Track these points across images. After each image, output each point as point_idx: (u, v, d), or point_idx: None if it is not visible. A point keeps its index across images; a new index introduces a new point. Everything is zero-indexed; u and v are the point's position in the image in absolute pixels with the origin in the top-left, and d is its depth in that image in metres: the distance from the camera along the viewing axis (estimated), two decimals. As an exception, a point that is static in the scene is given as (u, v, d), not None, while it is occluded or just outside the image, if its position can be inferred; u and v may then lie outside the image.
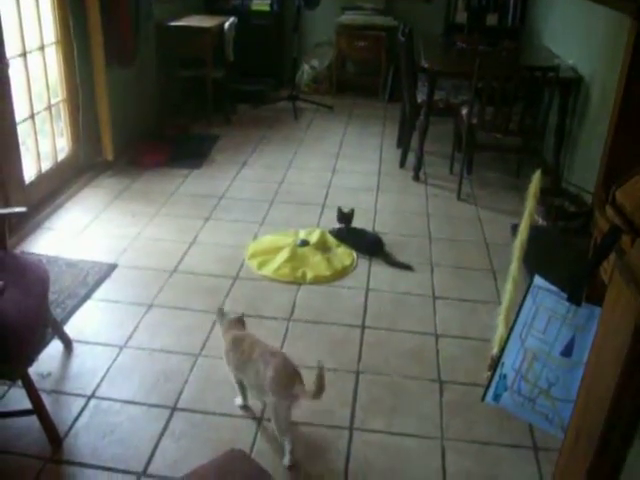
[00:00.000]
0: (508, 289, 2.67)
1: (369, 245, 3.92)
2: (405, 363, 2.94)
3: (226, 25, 6.09)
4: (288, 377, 2.34)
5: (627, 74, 3.57)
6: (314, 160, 5.40)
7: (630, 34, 3.56)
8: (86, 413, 2.56)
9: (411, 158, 5.20)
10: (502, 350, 2.17)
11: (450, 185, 4.91)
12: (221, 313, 2.66)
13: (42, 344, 2.87)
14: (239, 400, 2.63)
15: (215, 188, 4.72)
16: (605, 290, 1.59)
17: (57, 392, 2.67)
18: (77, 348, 2.93)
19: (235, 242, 3.92)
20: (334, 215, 4.12)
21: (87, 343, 2.97)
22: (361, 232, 4.04)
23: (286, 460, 2.36)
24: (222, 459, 1.90)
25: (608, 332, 1.53)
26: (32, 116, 4.11)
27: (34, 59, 4.12)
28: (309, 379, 2.32)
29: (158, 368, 2.83)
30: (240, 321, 2.64)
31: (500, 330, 2.65)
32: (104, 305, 3.28)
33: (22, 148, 3.96)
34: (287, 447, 2.37)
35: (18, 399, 2.52)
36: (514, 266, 2.66)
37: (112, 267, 3.59)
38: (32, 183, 4.11)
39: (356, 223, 4.08)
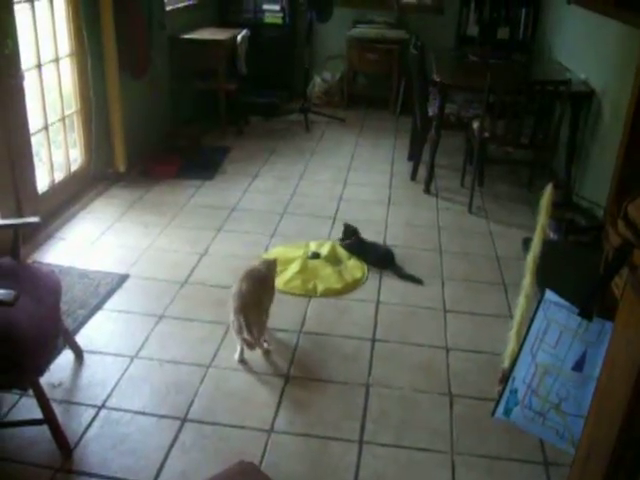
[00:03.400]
0: (520, 303, 2.66)
1: (380, 258, 3.92)
2: (415, 376, 2.93)
3: (239, 38, 6.13)
4: (239, 302, 2.88)
5: (639, 88, 3.57)
6: (325, 172, 5.41)
7: (642, 48, 3.56)
8: (96, 423, 2.57)
9: (422, 171, 5.20)
10: (513, 364, 2.17)
11: (461, 198, 4.91)
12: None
13: (53, 354, 2.88)
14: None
15: (227, 199, 4.74)
16: (617, 305, 1.58)
17: (68, 402, 2.68)
18: (88, 358, 2.95)
19: (246, 254, 3.93)
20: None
21: (98, 353, 2.99)
22: (372, 245, 4.04)
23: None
24: (232, 471, 1.90)
25: (620, 347, 1.52)
26: (46, 127, 4.15)
27: (48, 71, 4.17)
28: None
29: (169, 379, 2.84)
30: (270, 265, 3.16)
31: (512, 344, 2.64)
32: (115, 315, 3.29)
33: (35, 159, 3.99)
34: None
35: (29, 408, 2.54)
36: (527, 280, 2.64)
37: (124, 278, 3.60)
38: (45, 193, 4.14)
39: (367, 236, 4.07)
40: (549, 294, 2.04)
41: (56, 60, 4.23)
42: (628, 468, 1.49)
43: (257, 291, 2.96)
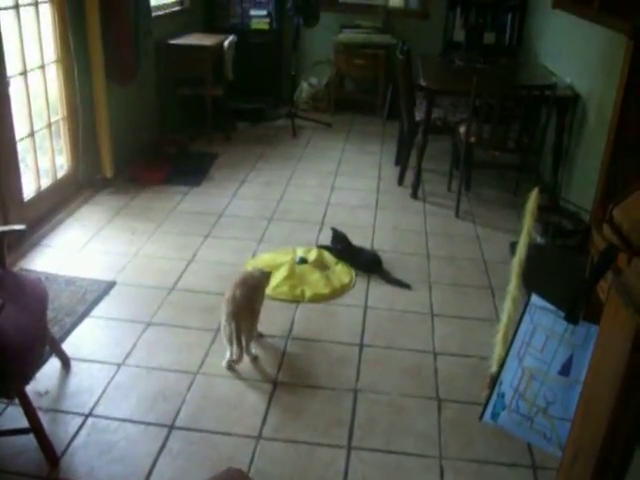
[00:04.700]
0: (507, 307, 2.66)
1: (367, 263, 3.92)
2: (403, 381, 2.93)
3: (225, 43, 6.12)
4: (232, 308, 2.88)
5: (623, 92, 3.59)
6: (313, 177, 5.42)
7: (626, 53, 3.59)
8: (83, 432, 2.55)
9: (409, 176, 5.22)
10: (500, 369, 2.18)
11: (448, 203, 4.93)
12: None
13: (40, 362, 2.86)
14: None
15: (214, 206, 4.73)
16: (602, 308, 1.59)
17: (54, 410, 2.66)
18: (75, 366, 2.93)
19: (234, 260, 3.92)
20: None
21: (85, 361, 2.97)
22: (359, 250, 4.04)
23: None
24: (220, 478, 1.89)
25: (605, 351, 1.53)
26: (32, 134, 4.12)
27: (34, 77, 4.15)
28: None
29: (156, 386, 2.83)
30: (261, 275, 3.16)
31: (498, 348, 2.65)
32: (102, 323, 3.27)
33: (21, 165, 3.97)
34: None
35: (15, 417, 2.52)
36: (513, 284, 2.65)
37: (111, 285, 3.59)
38: (31, 200, 4.12)
39: (354, 241, 4.08)
40: (535, 299, 2.05)
41: (42, 67, 4.21)
42: (614, 471, 1.49)
43: (250, 298, 2.97)
